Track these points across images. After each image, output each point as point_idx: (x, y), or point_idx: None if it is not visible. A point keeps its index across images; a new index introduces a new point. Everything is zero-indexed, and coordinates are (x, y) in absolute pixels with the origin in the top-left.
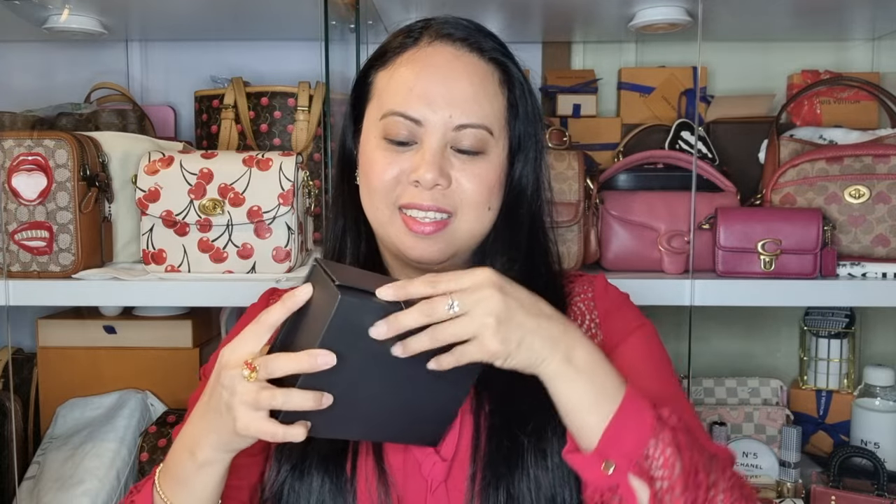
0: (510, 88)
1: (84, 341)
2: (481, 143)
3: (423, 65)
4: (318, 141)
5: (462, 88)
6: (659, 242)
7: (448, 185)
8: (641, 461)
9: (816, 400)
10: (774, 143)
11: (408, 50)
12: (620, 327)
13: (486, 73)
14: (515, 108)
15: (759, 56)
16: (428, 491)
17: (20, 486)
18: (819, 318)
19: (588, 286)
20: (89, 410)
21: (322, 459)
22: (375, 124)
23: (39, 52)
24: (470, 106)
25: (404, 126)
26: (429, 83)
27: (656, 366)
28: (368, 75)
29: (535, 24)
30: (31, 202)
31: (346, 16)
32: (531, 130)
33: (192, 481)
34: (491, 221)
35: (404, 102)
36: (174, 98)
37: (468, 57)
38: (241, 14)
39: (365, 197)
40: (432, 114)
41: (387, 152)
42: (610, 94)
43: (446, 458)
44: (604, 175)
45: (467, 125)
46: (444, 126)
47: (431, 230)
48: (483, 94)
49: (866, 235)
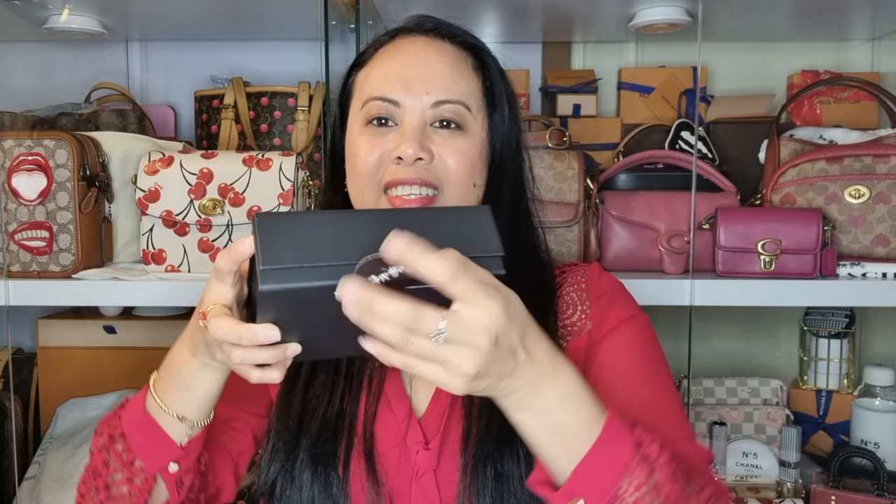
0: (485, 74)
1: (84, 341)
2: (460, 118)
3: (398, 53)
4: (318, 141)
5: (437, 69)
6: (659, 242)
7: (430, 160)
8: (613, 500)
9: (816, 400)
10: (774, 143)
11: (383, 46)
12: (611, 318)
13: (459, 57)
14: (492, 94)
15: (759, 56)
16: (413, 479)
17: (20, 486)
18: (819, 318)
19: (581, 276)
20: (89, 410)
21: (312, 453)
22: (357, 115)
23: (39, 52)
24: (445, 83)
25: (384, 108)
26: (404, 68)
27: (642, 360)
28: (349, 78)
29: (535, 24)
30: (31, 202)
31: (346, 16)
32: (505, 114)
33: (191, 381)
34: (477, 199)
35: (382, 87)
36: (174, 98)
37: (440, 43)
38: (241, 14)
39: (352, 187)
40: (409, 94)
41: (369, 136)
42: (610, 94)
43: (433, 448)
44: (604, 175)
45: (444, 101)
46: (421, 105)
47: (418, 206)
48: (457, 74)
49: (866, 235)
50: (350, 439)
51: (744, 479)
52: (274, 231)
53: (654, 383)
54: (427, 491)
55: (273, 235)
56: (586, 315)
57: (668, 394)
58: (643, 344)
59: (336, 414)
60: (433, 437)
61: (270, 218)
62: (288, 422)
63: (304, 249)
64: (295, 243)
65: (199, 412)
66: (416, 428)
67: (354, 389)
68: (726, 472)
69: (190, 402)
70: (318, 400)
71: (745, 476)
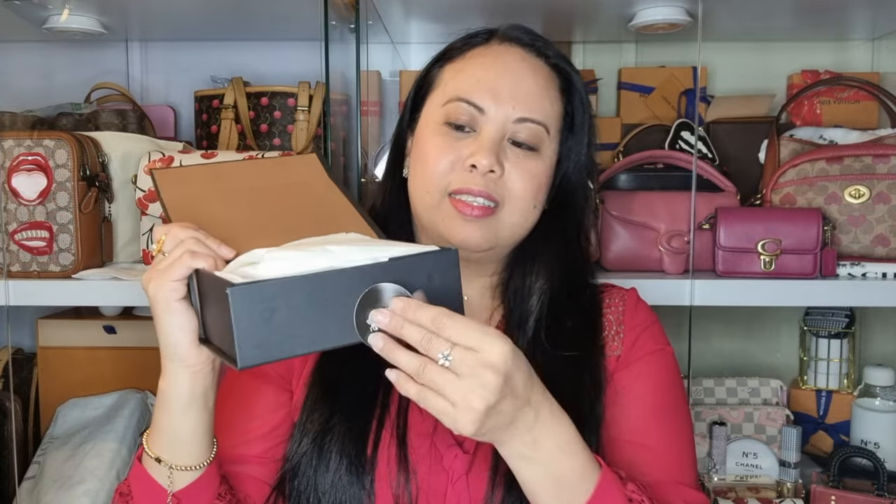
0: (569, 98)
1: (84, 341)
2: (537, 140)
3: (493, 60)
4: (318, 141)
5: (527, 85)
6: (659, 242)
7: (501, 175)
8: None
9: (816, 400)
10: (774, 143)
11: (477, 47)
12: (641, 347)
13: (550, 77)
14: (571, 118)
15: (759, 56)
16: (449, 483)
17: (20, 486)
18: (819, 318)
19: (619, 300)
20: (89, 410)
21: (342, 437)
22: (437, 111)
23: (39, 52)
24: (533, 101)
25: (466, 112)
26: (496, 76)
27: (661, 395)
28: (432, 70)
29: (535, 24)
30: (31, 202)
31: (346, 16)
32: (583, 142)
33: (171, 425)
34: (535, 220)
35: (471, 90)
36: (174, 98)
37: (534, 59)
38: (241, 14)
39: (415, 183)
40: (495, 104)
41: (445, 137)
42: (610, 94)
43: (468, 451)
44: (604, 175)
45: (527, 119)
46: (504, 117)
47: (479, 214)
48: (545, 94)
49: (866, 235)
50: (381, 422)
51: (744, 479)
52: (249, 310)
53: (669, 421)
54: (460, 494)
55: (249, 315)
56: (620, 340)
57: (680, 434)
58: (666, 379)
59: (370, 396)
60: (469, 443)
61: (244, 293)
62: (322, 399)
63: (281, 328)
64: (271, 322)
65: (178, 450)
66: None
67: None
68: (726, 472)
69: (168, 442)
70: (353, 384)
71: (745, 476)
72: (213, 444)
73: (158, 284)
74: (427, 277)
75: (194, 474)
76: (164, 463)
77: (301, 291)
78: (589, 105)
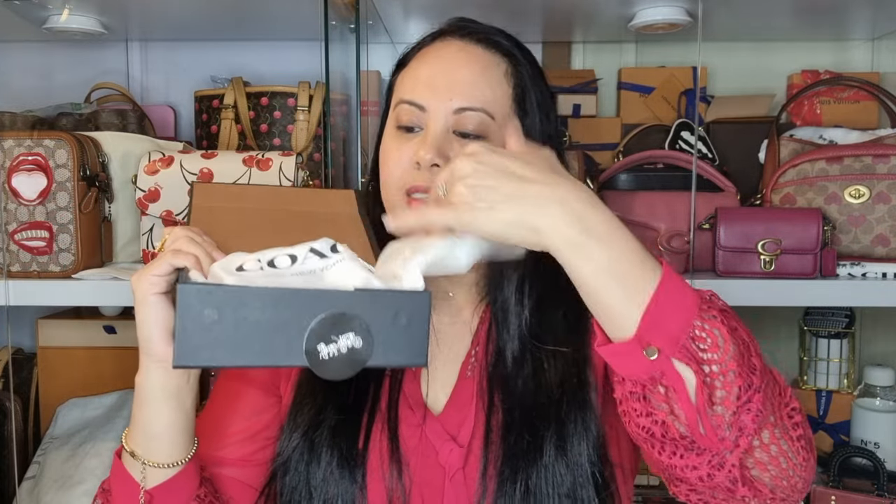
0: (518, 81)
1: (84, 341)
2: (482, 128)
3: (433, 57)
4: (318, 141)
5: (462, 75)
6: (659, 242)
7: None
8: (688, 343)
9: (816, 400)
10: (774, 143)
11: (422, 49)
12: None
13: (490, 63)
14: (522, 102)
15: (759, 56)
16: (446, 478)
17: (20, 486)
18: (819, 318)
19: None
20: (89, 410)
21: (333, 431)
22: (391, 116)
23: (39, 52)
24: (470, 90)
25: (411, 112)
26: (433, 72)
27: None
28: (392, 78)
29: (535, 24)
30: (31, 202)
31: (346, 16)
32: (546, 124)
33: (145, 420)
34: None
35: (412, 90)
36: (174, 98)
37: (473, 48)
38: (241, 14)
39: (382, 190)
40: (434, 99)
41: (396, 140)
42: (610, 94)
43: (463, 445)
44: (604, 175)
45: (466, 108)
46: (444, 110)
47: None
48: (484, 80)
49: (866, 235)
50: (372, 415)
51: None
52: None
53: None
54: (458, 489)
55: (194, 316)
56: None
57: None
58: None
59: (361, 390)
60: (463, 437)
61: (192, 293)
62: (312, 395)
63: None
64: (216, 327)
65: (153, 446)
66: (434, 423)
67: (378, 372)
68: None
69: (143, 437)
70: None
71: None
72: (191, 444)
73: (139, 277)
74: (393, 315)
75: (168, 472)
76: (137, 458)
77: (253, 304)
78: (541, 83)
